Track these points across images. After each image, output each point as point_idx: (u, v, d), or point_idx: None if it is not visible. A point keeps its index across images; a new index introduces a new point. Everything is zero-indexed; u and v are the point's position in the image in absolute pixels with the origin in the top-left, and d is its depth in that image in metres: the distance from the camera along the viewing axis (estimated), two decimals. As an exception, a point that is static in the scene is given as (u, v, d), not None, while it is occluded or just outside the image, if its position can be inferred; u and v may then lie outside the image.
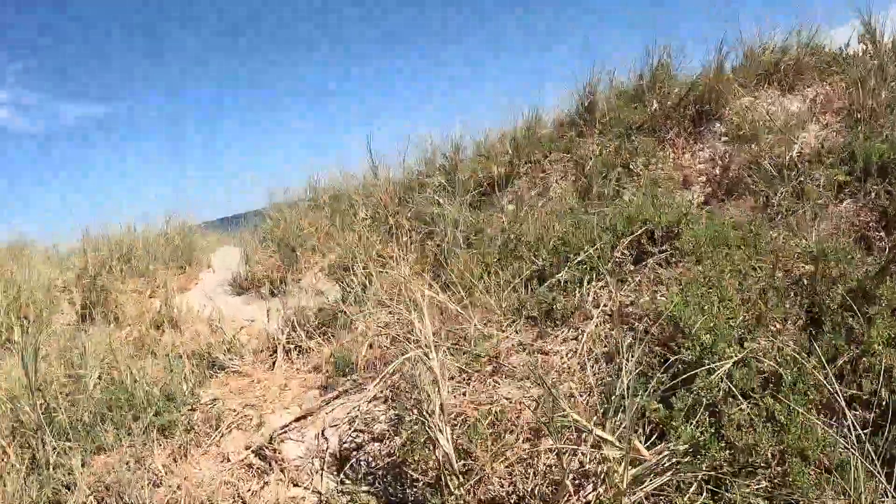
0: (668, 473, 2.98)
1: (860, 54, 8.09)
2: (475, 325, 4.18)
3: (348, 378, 4.49)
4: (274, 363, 5.70)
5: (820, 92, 8.24)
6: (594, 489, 3.12)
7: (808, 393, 3.37)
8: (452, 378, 3.80)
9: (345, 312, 5.84)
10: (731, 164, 6.80)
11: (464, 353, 3.99)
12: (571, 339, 4.05)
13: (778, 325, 3.96)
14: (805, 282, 4.29)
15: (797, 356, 3.50)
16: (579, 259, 4.64)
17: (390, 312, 5.18)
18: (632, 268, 4.60)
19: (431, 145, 7.95)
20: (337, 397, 4.28)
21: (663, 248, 4.71)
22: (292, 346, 5.66)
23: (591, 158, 7.25)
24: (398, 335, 4.27)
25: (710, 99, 7.81)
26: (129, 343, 6.56)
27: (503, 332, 4.25)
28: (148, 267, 7.94)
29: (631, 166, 7.04)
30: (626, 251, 4.68)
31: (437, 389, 3.21)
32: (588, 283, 4.48)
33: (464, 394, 3.70)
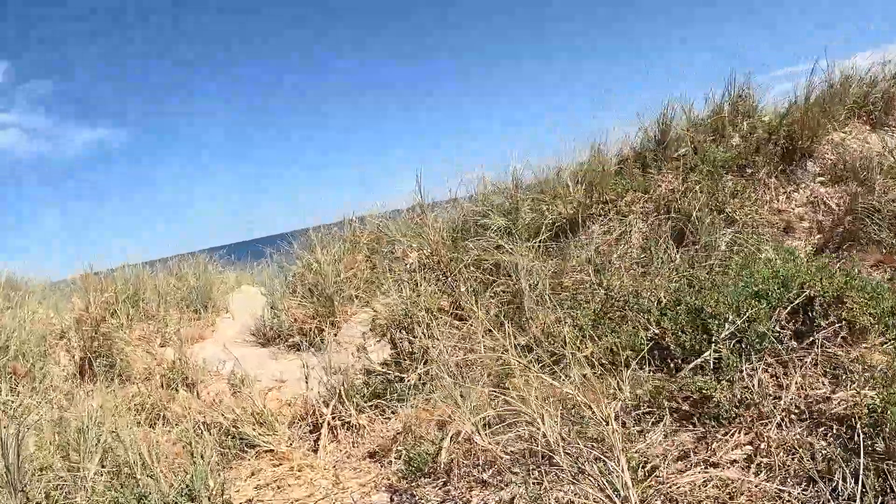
0: None
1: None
2: (613, 426, 3.12)
3: (433, 484, 3.42)
4: (316, 441, 4.64)
5: (918, 126, 7.35)
6: None
7: None
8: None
9: (401, 379, 4.81)
10: (851, 209, 5.82)
11: (604, 465, 2.93)
12: (745, 445, 3.01)
13: None
14: None
15: None
16: (728, 332, 3.61)
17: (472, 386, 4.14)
18: (794, 345, 3.57)
19: (485, 182, 6.95)
20: (423, 514, 3.21)
21: (829, 319, 3.68)
22: (339, 423, 4.61)
23: (676, 200, 6.27)
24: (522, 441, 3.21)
25: (801, 134, 6.84)
26: (137, 406, 5.51)
27: (647, 430, 3.20)
28: (158, 310, 6.90)
29: (727, 210, 6.04)
30: (784, 324, 3.65)
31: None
32: (744, 363, 3.44)
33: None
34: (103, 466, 3.95)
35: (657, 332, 4.21)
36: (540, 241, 5.94)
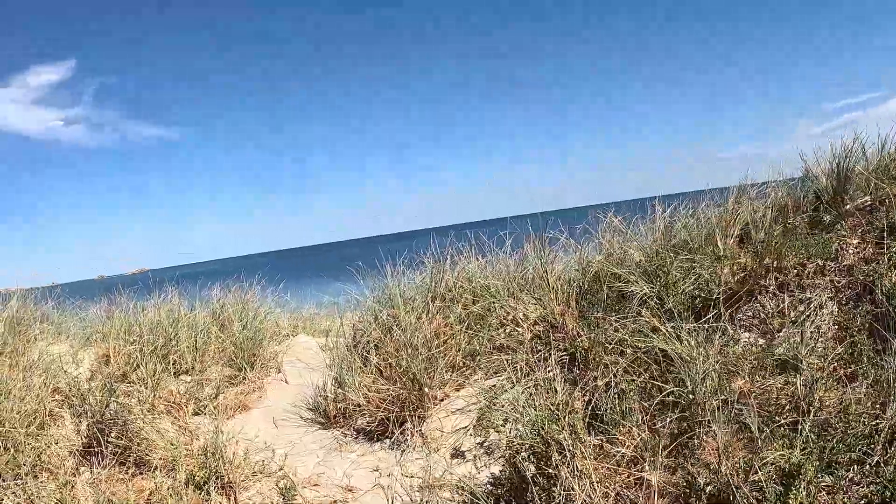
0: None
1: None
2: None
3: None
4: None
5: None
6: None
7: None
8: None
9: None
10: None
11: None
12: None
13: None
14: None
15: None
16: None
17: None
18: None
19: (615, 226, 5.43)
20: None
21: None
22: None
23: (880, 274, 4.69)
24: None
25: None
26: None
27: None
28: (193, 364, 5.51)
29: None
30: None
31: None
32: None
33: None
34: None
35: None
36: (707, 321, 4.40)
